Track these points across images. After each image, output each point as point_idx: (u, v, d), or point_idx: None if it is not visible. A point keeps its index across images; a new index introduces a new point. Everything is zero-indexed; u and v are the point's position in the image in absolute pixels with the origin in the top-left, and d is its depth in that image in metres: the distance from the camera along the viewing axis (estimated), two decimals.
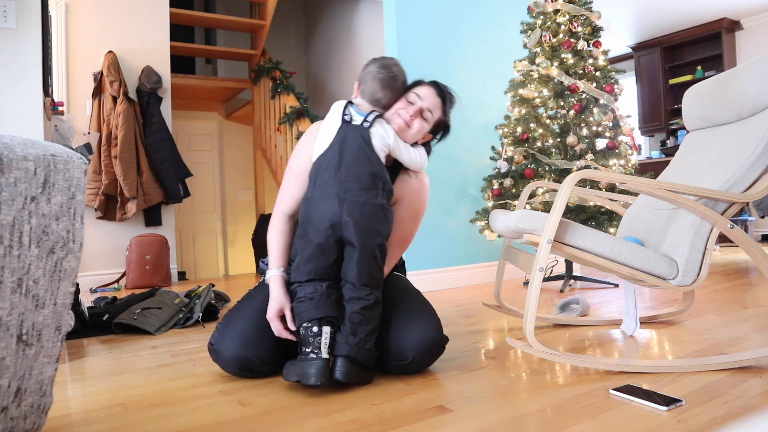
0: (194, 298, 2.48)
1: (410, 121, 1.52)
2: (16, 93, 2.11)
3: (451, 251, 3.37)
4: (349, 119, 1.49)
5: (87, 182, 1.93)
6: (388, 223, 1.44)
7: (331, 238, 1.39)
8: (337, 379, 1.35)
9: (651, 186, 1.49)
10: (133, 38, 4.16)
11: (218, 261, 6.43)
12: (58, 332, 0.98)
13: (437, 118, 1.59)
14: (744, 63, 1.73)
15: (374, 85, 1.53)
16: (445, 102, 1.59)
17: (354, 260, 1.39)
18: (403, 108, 1.53)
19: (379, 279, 1.43)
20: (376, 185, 1.41)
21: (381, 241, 1.41)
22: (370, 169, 1.42)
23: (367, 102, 1.55)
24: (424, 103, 1.55)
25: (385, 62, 1.56)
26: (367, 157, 1.43)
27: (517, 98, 3.25)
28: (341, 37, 5.92)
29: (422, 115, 1.55)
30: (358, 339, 1.36)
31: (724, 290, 2.83)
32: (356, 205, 1.38)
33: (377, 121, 1.50)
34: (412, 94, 1.56)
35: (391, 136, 1.50)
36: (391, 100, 1.56)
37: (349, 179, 1.40)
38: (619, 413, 1.17)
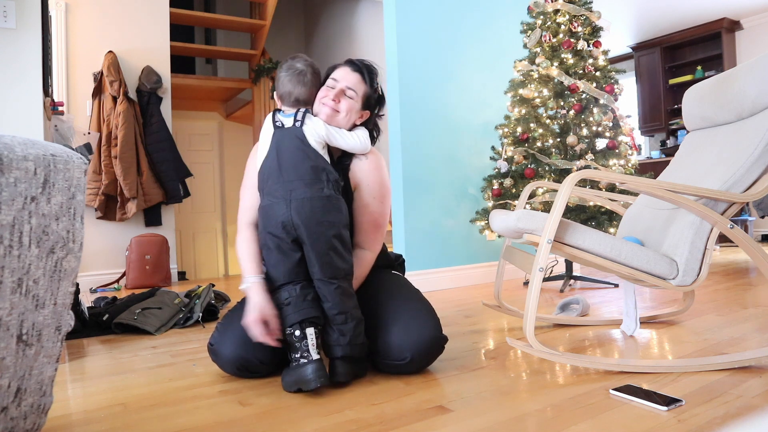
0: (194, 298, 2.48)
1: (335, 106, 1.52)
2: (16, 93, 2.11)
3: (451, 251, 3.37)
4: (280, 124, 1.50)
5: (87, 182, 1.93)
6: (339, 212, 1.43)
7: (286, 239, 1.41)
8: (340, 381, 1.38)
9: (651, 186, 1.49)
10: (133, 38, 4.16)
11: (218, 261, 6.43)
12: (58, 332, 0.98)
13: (363, 92, 1.57)
14: (744, 63, 1.73)
15: (287, 87, 1.53)
16: (363, 75, 1.57)
17: (312, 257, 1.40)
18: (325, 95, 1.54)
19: (344, 268, 1.43)
20: (319, 178, 1.41)
21: (335, 231, 1.41)
22: (310, 163, 1.42)
23: (289, 106, 1.55)
24: (342, 83, 1.54)
25: (288, 63, 1.57)
26: (304, 153, 1.44)
27: (517, 98, 3.25)
28: (341, 37, 5.92)
29: (346, 95, 1.54)
30: (348, 338, 1.38)
31: (724, 290, 2.83)
32: (303, 203, 1.39)
33: (306, 117, 1.50)
34: (330, 79, 1.56)
35: (321, 127, 1.49)
36: (309, 94, 1.55)
37: (291, 179, 1.41)
38: (619, 413, 1.17)
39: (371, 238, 1.61)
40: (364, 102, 1.58)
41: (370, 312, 1.50)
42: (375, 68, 1.61)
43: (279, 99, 1.57)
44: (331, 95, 1.52)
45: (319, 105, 1.54)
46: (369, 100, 1.60)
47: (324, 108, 1.52)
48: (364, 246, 1.62)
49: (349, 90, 1.54)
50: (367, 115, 1.62)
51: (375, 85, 1.60)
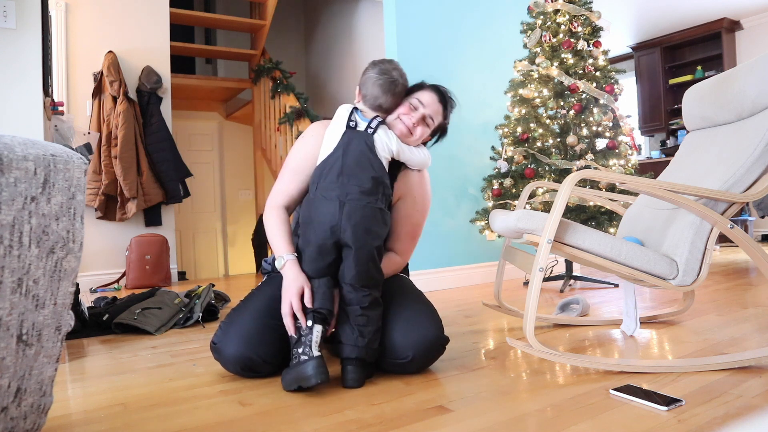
0: (194, 298, 2.48)
1: (413, 128, 1.57)
2: (16, 93, 2.11)
3: (451, 251, 3.37)
4: (353, 125, 1.53)
5: (87, 182, 1.93)
6: (385, 226, 1.48)
7: (329, 240, 1.42)
8: (350, 387, 1.38)
9: (651, 186, 1.49)
10: (133, 38, 4.16)
11: (218, 261, 6.43)
12: (58, 332, 0.98)
13: (438, 123, 1.63)
14: (744, 63, 1.73)
15: (375, 91, 1.55)
16: (446, 107, 1.63)
17: (352, 262, 1.41)
18: (406, 114, 1.57)
19: (377, 279, 1.45)
20: (377, 190, 1.45)
21: (378, 242, 1.45)
22: (372, 174, 1.45)
23: (369, 107, 1.57)
24: (427, 110, 1.58)
25: (384, 67, 1.57)
26: (369, 162, 1.46)
27: (517, 98, 3.25)
28: (341, 37, 5.92)
29: (424, 122, 1.59)
30: (366, 340, 1.39)
31: (724, 290, 2.83)
32: (356, 208, 1.41)
33: (380, 128, 1.53)
34: (415, 99, 1.58)
35: (394, 142, 1.53)
36: (392, 104, 1.58)
37: (351, 183, 1.43)
38: (619, 413, 1.17)
39: (407, 246, 1.69)
40: (433, 130, 1.64)
41: None
42: (454, 102, 1.66)
43: (360, 96, 1.59)
44: (413, 118, 1.56)
45: (396, 120, 1.57)
46: (437, 130, 1.65)
47: (401, 125, 1.56)
48: (399, 253, 1.68)
49: (429, 119, 1.59)
50: (428, 140, 1.67)
51: (448, 119, 1.66)
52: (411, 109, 1.57)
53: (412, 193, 1.64)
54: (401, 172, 1.63)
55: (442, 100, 1.61)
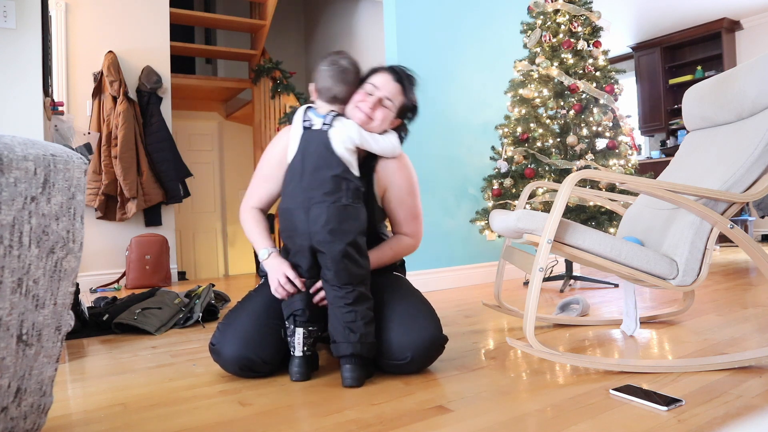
0: (194, 298, 2.48)
1: (371, 113, 1.52)
2: (16, 93, 2.11)
3: (451, 251, 3.37)
4: (309, 125, 1.50)
5: (87, 182, 1.93)
6: (356, 221, 1.44)
7: (304, 245, 1.44)
8: (349, 386, 1.39)
9: (651, 186, 1.49)
10: (133, 38, 4.16)
11: (218, 261, 6.43)
12: (58, 332, 0.98)
13: (400, 103, 1.58)
14: (744, 63, 1.73)
15: (327, 82, 1.52)
16: (404, 85, 1.58)
17: (327, 265, 1.42)
18: (362, 100, 1.53)
19: (358, 274, 1.43)
20: (339, 187, 1.43)
21: (350, 239, 1.42)
22: (331, 172, 1.43)
23: (325, 102, 1.54)
24: (381, 92, 1.53)
25: (332, 58, 1.55)
26: (327, 161, 1.44)
27: (517, 98, 3.25)
28: (341, 37, 5.92)
29: (382, 105, 1.54)
30: (358, 335, 1.39)
31: (724, 290, 2.83)
32: (321, 211, 1.40)
33: (337, 121, 1.50)
34: (369, 84, 1.54)
35: (354, 131, 1.49)
36: (347, 93, 1.54)
37: (312, 186, 1.43)
38: (619, 413, 1.17)
39: (413, 228, 1.68)
40: (398, 111, 1.59)
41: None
42: (414, 78, 1.62)
43: (315, 92, 1.56)
44: (368, 102, 1.52)
45: (353, 108, 1.53)
46: (404, 110, 1.61)
47: (358, 113, 1.52)
48: (408, 234, 1.68)
49: (387, 100, 1.54)
50: (398, 122, 1.63)
51: (412, 96, 1.61)
52: (366, 95, 1.53)
53: (395, 181, 1.62)
54: (379, 162, 1.61)
55: (397, 79, 1.56)
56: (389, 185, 1.62)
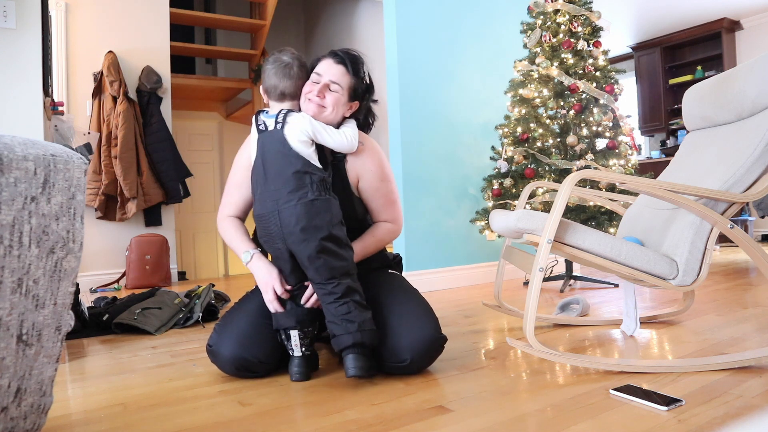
0: (194, 298, 2.48)
1: (321, 101, 1.50)
2: (16, 93, 2.11)
3: (451, 251, 3.37)
4: (263, 127, 1.49)
5: (87, 182, 1.93)
6: (327, 212, 1.42)
7: (283, 248, 1.44)
8: (353, 376, 1.36)
9: (651, 186, 1.49)
10: (133, 38, 4.16)
11: (218, 261, 6.43)
12: (58, 332, 0.98)
13: (348, 85, 1.54)
14: (744, 63, 1.73)
15: (272, 80, 1.51)
16: (347, 66, 1.54)
17: (305, 264, 1.42)
18: (310, 90, 1.51)
19: (341, 266, 1.42)
20: (303, 183, 1.41)
21: (324, 233, 1.40)
22: (292, 169, 1.42)
23: (275, 101, 1.53)
24: (325, 77, 1.51)
25: (275, 56, 1.55)
26: (286, 159, 1.43)
27: (517, 98, 3.25)
28: (341, 37, 5.92)
29: (331, 90, 1.51)
30: (356, 324, 1.38)
31: (724, 290, 2.83)
32: (290, 212, 1.39)
33: (289, 116, 1.48)
34: (314, 74, 1.53)
35: (307, 124, 1.47)
36: (295, 87, 1.53)
37: (277, 187, 1.42)
38: (619, 413, 1.17)
39: (392, 213, 1.66)
40: (350, 94, 1.56)
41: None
42: (359, 57, 1.58)
43: (265, 93, 1.55)
44: (315, 90, 1.50)
45: (304, 100, 1.52)
46: (356, 91, 1.57)
47: (310, 104, 1.50)
48: (387, 220, 1.66)
49: (333, 84, 1.51)
50: (356, 105, 1.60)
51: (361, 75, 1.57)
52: (313, 84, 1.51)
53: (365, 167, 1.59)
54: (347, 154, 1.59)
55: (339, 61, 1.53)
56: (361, 173, 1.59)
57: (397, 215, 1.67)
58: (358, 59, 1.57)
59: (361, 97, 1.60)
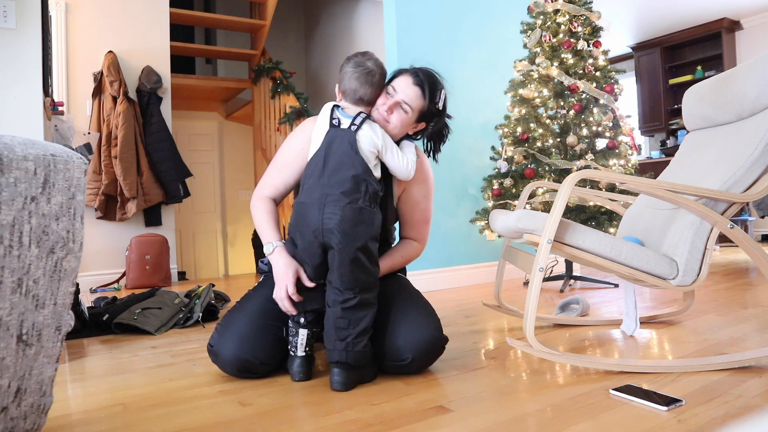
0: (194, 298, 2.48)
1: (387, 117, 1.50)
2: (16, 93, 2.11)
3: (451, 251, 3.37)
4: (337, 123, 1.48)
5: (87, 182, 1.93)
6: (370, 225, 1.41)
7: (314, 243, 1.41)
8: (336, 390, 1.37)
9: (651, 186, 1.49)
10: (133, 38, 4.16)
11: (218, 261, 6.43)
12: (58, 332, 0.98)
13: (419, 107, 1.52)
14: (744, 63, 1.73)
15: (353, 84, 1.50)
16: (423, 89, 1.52)
17: (335, 265, 1.39)
18: (383, 102, 1.51)
19: (365, 281, 1.41)
20: (358, 189, 1.40)
21: (361, 243, 1.39)
22: (353, 172, 1.40)
23: (351, 103, 1.52)
24: (400, 95, 1.50)
25: (358, 59, 1.52)
26: (351, 161, 1.42)
27: (517, 98, 3.25)
28: (341, 37, 5.92)
29: (401, 108, 1.51)
30: (345, 343, 1.36)
31: (724, 290, 2.83)
32: (335, 210, 1.37)
33: (366, 123, 1.47)
34: (390, 86, 1.52)
35: (380, 137, 1.47)
36: (372, 95, 1.52)
37: (331, 184, 1.40)
38: (619, 413, 1.17)
39: (422, 232, 1.69)
40: (419, 116, 1.55)
41: None
42: (438, 81, 1.56)
43: (341, 94, 1.53)
44: (386, 105, 1.50)
45: (375, 112, 1.52)
46: (425, 114, 1.56)
47: (377, 115, 1.51)
48: (416, 239, 1.69)
49: (404, 104, 1.50)
50: (422, 126, 1.59)
51: (435, 100, 1.55)
52: (387, 97, 1.51)
53: (416, 181, 1.63)
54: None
55: (416, 83, 1.51)
56: (409, 185, 1.62)
57: (426, 235, 1.71)
58: (437, 84, 1.55)
59: (429, 119, 1.58)
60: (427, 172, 1.67)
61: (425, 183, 1.66)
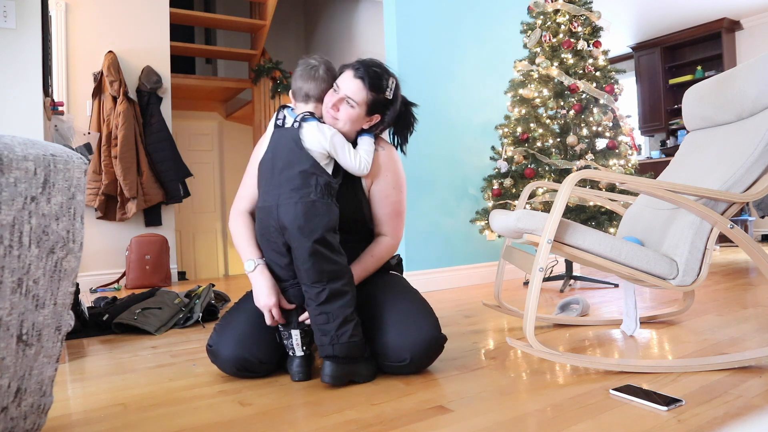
0: (194, 298, 2.48)
1: (334, 114, 1.50)
2: (16, 93, 2.11)
3: (451, 251, 3.37)
4: (281, 123, 1.50)
5: (87, 182, 1.93)
6: (325, 216, 1.40)
7: (278, 242, 1.43)
8: (327, 383, 1.38)
9: (651, 186, 1.49)
10: (133, 38, 4.16)
11: (218, 261, 6.43)
12: (58, 332, 0.98)
13: (364, 100, 1.49)
14: (744, 63, 1.73)
15: (298, 82, 1.53)
16: (364, 81, 1.48)
17: (298, 262, 1.40)
18: (329, 101, 1.51)
19: (331, 270, 1.39)
20: (308, 183, 1.41)
21: (317, 236, 1.37)
22: (299, 168, 1.42)
23: (300, 102, 1.54)
24: (342, 90, 1.49)
25: (304, 60, 1.56)
26: (296, 157, 1.43)
27: (517, 98, 3.25)
28: (341, 37, 5.92)
29: (347, 103, 1.49)
30: (329, 337, 1.37)
31: (724, 290, 2.83)
32: (288, 208, 1.39)
33: (311, 123, 1.47)
34: (335, 84, 1.52)
35: (327, 137, 1.46)
36: (320, 90, 1.52)
37: (281, 183, 1.42)
38: (619, 413, 1.17)
39: (393, 226, 1.64)
40: (368, 108, 1.52)
41: (368, 313, 1.49)
42: (381, 72, 1.51)
43: (292, 96, 1.57)
44: (330, 102, 1.50)
45: (324, 109, 1.53)
46: (375, 106, 1.53)
47: (326, 115, 1.51)
48: (388, 234, 1.64)
49: (349, 99, 1.49)
50: (377, 118, 1.57)
51: (383, 89, 1.52)
52: (332, 94, 1.50)
53: (382, 172, 1.59)
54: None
55: (357, 76, 1.48)
56: (376, 177, 1.60)
57: (399, 229, 1.65)
58: (379, 75, 1.50)
59: (381, 111, 1.56)
60: (393, 162, 1.62)
61: (392, 173, 1.61)
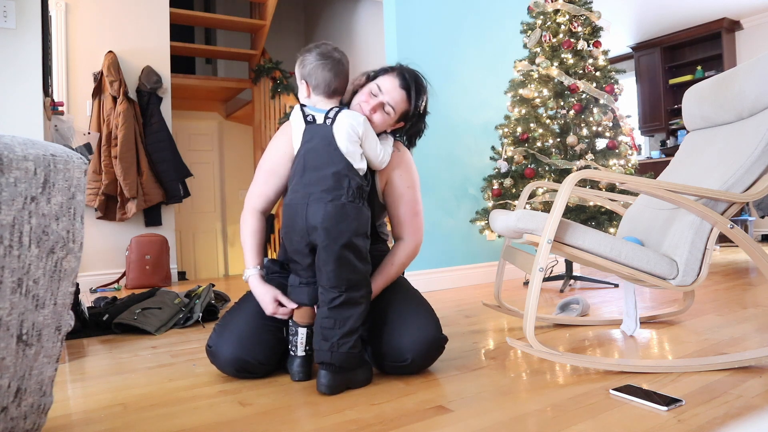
0: (194, 298, 2.48)
1: (370, 115, 1.49)
2: (16, 93, 2.11)
3: (451, 251, 3.37)
4: (311, 119, 1.47)
5: (87, 182, 1.93)
6: (355, 221, 1.38)
7: (301, 243, 1.41)
8: (321, 392, 1.35)
9: (651, 186, 1.49)
10: (133, 38, 4.16)
11: (218, 261, 6.43)
12: (58, 332, 0.98)
13: (401, 110, 1.53)
14: (744, 63, 1.73)
15: (325, 76, 1.47)
16: (410, 93, 1.52)
17: (321, 263, 1.38)
18: (365, 101, 1.50)
19: (352, 279, 1.38)
20: (340, 185, 1.38)
21: (346, 240, 1.36)
22: (333, 169, 1.39)
23: (323, 96, 1.49)
24: (385, 97, 1.49)
25: (322, 50, 1.50)
26: (329, 157, 1.41)
27: (517, 98, 3.25)
28: (341, 37, 5.92)
29: (383, 109, 1.50)
30: (330, 344, 1.34)
31: (724, 290, 2.83)
32: (318, 208, 1.36)
33: (341, 113, 1.45)
34: (375, 85, 1.51)
35: (360, 124, 1.45)
36: (343, 85, 1.51)
37: (312, 182, 1.39)
38: (619, 413, 1.17)
39: (412, 226, 1.62)
40: (401, 117, 1.55)
41: (369, 314, 1.48)
42: (423, 86, 1.55)
43: (311, 89, 1.49)
44: (370, 104, 1.49)
45: (357, 106, 1.51)
46: (406, 115, 1.56)
47: (359, 109, 1.50)
48: (406, 236, 1.62)
49: (388, 106, 1.50)
50: (400, 125, 1.59)
51: (419, 105, 1.55)
52: (370, 95, 1.50)
53: (396, 171, 1.58)
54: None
55: (404, 86, 1.50)
56: (390, 177, 1.58)
57: (419, 229, 1.63)
58: (422, 88, 1.54)
59: (409, 120, 1.58)
60: (408, 164, 1.62)
61: (407, 172, 1.60)
